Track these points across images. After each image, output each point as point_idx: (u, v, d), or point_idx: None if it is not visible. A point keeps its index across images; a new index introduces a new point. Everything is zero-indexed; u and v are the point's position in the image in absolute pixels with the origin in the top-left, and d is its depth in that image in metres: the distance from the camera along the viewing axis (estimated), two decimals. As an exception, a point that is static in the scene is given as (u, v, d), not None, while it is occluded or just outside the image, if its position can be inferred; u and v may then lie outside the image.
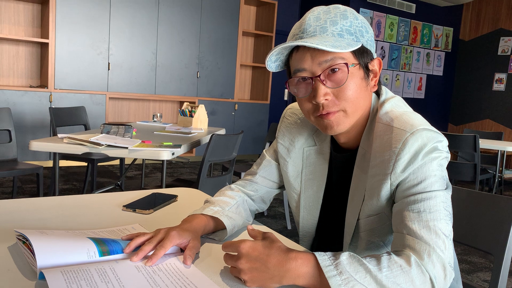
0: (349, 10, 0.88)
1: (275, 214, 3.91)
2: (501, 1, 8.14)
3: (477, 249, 1.10)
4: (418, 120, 0.87)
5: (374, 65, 0.91)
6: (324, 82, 0.85)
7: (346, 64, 0.84)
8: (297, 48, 0.87)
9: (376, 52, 0.96)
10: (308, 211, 1.05)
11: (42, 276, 0.70)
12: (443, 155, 0.85)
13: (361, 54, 0.88)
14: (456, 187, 1.14)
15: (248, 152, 6.66)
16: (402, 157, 0.84)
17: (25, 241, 0.80)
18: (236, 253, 0.77)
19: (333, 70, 0.85)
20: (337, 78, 0.85)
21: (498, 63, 8.32)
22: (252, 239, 0.79)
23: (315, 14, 0.87)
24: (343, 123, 0.89)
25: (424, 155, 0.83)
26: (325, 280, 0.70)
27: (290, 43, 0.84)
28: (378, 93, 0.97)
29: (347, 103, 0.87)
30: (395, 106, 0.92)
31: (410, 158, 0.83)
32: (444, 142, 0.85)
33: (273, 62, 0.90)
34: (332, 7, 0.88)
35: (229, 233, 0.97)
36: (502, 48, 8.26)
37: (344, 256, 0.73)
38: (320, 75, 0.85)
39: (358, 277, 0.70)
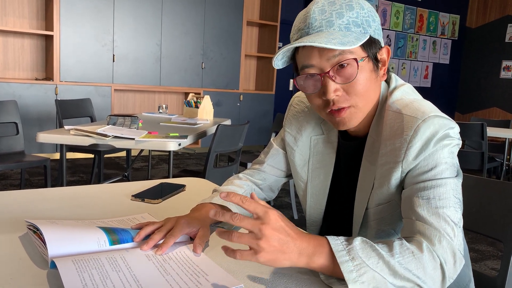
0: (354, 0, 0.85)
1: (281, 204, 3.92)
2: (509, -13, 8.03)
3: (486, 237, 1.09)
4: (429, 107, 0.86)
5: (383, 54, 0.89)
6: (333, 78, 0.83)
7: (356, 59, 0.82)
8: None
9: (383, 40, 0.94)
10: (315, 200, 1.05)
11: (53, 265, 0.71)
12: (455, 142, 0.84)
13: (369, 45, 0.85)
14: (465, 174, 1.13)
15: (253, 143, 6.66)
16: (414, 144, 0.83)
17: (36, 231, 0.80)
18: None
19: (342, 66, 0.83)
20: (347, 73, 0.83)
21: (505, 51, 8.23)
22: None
23: (320, 6, 0.84)
24: (356, 117, 0.88)
25: (435, 142, 0.82)
26: (337, 264, 0.70)
27: (298, 43, 0.81)
28: (387, 81, 0.95)
29: (358, 97, 0.85)
30: (405, 94, 0.91)
31: (422, 145, 0.83)
32: (456, 128, 0.84)
33: (279, 60, 0.88)
34: None
35: (238, 222, 0.97)
36: (509, 35, 8.16)
37: (357, 241, 0.72)
38: (329, 71, 0.83)
39: (370, 263, 0.70)
